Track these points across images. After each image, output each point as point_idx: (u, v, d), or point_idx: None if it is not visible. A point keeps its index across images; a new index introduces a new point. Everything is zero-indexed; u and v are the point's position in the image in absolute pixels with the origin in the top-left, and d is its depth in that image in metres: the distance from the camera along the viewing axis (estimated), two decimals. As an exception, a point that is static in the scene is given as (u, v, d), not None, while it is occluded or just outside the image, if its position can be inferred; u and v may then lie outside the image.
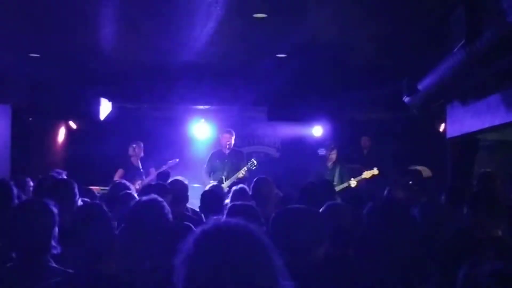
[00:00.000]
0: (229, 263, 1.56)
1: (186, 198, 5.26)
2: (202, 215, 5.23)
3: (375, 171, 9.15)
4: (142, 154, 9.33)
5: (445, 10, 5.55)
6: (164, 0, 5.72)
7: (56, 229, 3.05)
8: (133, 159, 9.28)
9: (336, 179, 9.21)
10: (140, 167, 9.24)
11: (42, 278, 2.80)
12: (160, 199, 3.67)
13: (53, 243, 3.02)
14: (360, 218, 4.04)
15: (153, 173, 9.13)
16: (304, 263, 2.73)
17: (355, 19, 6.27)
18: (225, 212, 4.32)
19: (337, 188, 8.93)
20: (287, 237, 2.81)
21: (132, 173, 9.06)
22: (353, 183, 9.01)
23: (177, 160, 9.26)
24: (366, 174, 9.16)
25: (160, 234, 3.46)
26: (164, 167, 9.15)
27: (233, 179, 8.43)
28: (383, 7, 5.74)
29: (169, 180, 6.06)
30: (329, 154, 9.39)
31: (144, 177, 9.17)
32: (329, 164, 9.37)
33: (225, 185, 8.22)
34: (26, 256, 2.91)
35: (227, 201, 5.32)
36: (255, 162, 8.86)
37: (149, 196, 3.73)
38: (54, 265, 2.97)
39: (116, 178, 9.08)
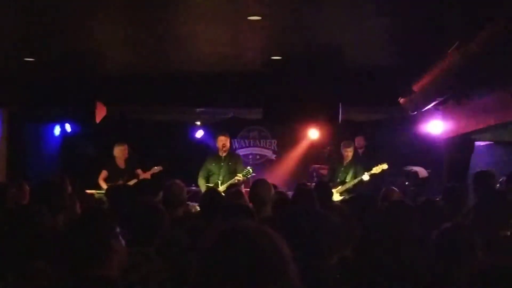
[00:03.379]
0: (245, 265, 1.56)
1: (182, 202, 5.23)
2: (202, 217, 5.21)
3: (384, 165, 9.06)
4: (126, 155, 9.25)
5: (439, 11, 5.56)
6: (159, 4, 5.72)
7: (49, 233, 3.04)
8: (118, 161, 9.22)
9: (350, 176, 9.10)
10: (125, 168, 9.16)
11: (31, 282, 2.80)
12: (154, 202, 3.66)
13: (47, 246, 3.01)
14: (360, 220, 4.05)
15: (142, 174, 9.04)
16: (318, 268, 2.71)
17: (350, 21, 6.28)
18: (224, 212, 4.33)
19: (349, 184, 8.90)
20: (303, 240, 2.76)
21: (116, 175, 9.00)
22: (365, 176, 8.91)
23: (161, 168, 9.17)
24: (376, 169, 9.05)
25: (155, 238, 3.46)
26: (147, 173, 9.07)
27: (228, 184, 8.36)
28: (377, 9, 5.75)
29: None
30: (346, 151, 9.27)
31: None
32: (345, 162, 9.28)
33: (220, 189, 8.17)
34: (16, 260, 2.90)
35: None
36: (250, 170, 8.79)
37: (144, 198, 3.72)
38: (47, 269, 2.96)
39: (100, 179, 9.04)
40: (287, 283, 1.59)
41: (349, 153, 9.24)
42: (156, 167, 9.16)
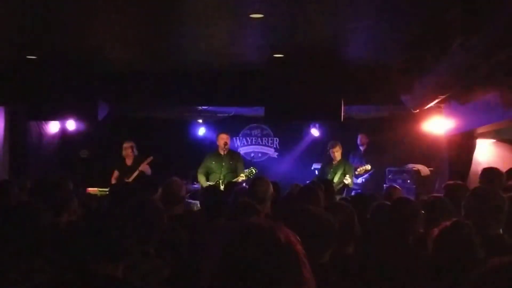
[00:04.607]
0: (264, 262, 1.56)
1: (182, 199, 5.23)
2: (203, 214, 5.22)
3: (367, 166, 9.10)
4: (133, 153, 9.26)
5: (442, 8, 5.54)
6: (161, 2, 5.71)
7: (49, 231, 3.03)
8: (125, 159, 9.25)
9: (337, 177, 9.07)
10: (131, 165, 9.17)
11: (31, 281, 2.79)
12: (152, 200, 3.66)
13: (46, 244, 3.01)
14: (363, 218, 4.06)
15: (141, 167, 9.03)
16: (311, 264, 2.72)
17: (352, 18, 6.26)
18: (227, 210, 4.34)
19: (335, 186, 8.87)
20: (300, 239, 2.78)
21: (124, 173, 9.05)
22: (347, 179, 8.90)
23: (152, 157, 9.12)
24: (359, 171, 9.09)
25: (154, 235, 3.45)
26: (144, 165, 9.04)
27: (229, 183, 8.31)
28: (379, 6, 5.74)
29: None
30: (333, 152, 9.24)
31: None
32: (335, 162, 9.26)
33: (222, 188, 8.15)
34: (15, 258, 2.89)
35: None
36: (254, 170, 8.77)
37: (142, 197, 3.72)
38: (46, 267, 2.95)
39: (113, 179, 9.09)
40: (301, 279, 1.60)
41: (335, 153, 9.21)
42: (147, 159, 9.10)
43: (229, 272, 1.58)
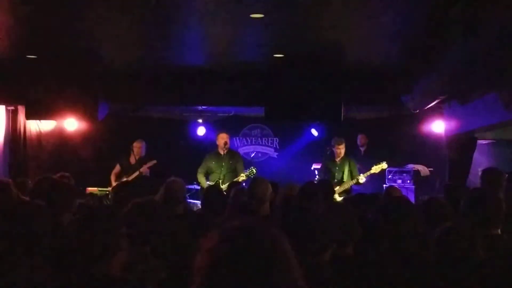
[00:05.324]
0: (250, 263, 1.57)
1: (181, 199, 5.24)
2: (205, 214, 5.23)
3: (384, 165, 8.90)
4: (140, 153, 9.30)
5: (442, 8, 5.54)
6: (162, 2, 5.71)
7: (49, 230, 3.04)
8: (131, 156, 9.29)
9: (346, 175, 9.00)
10: (134, 164, 9.19)
11: (29, 278, 2.79)
12: (150, 200, 3.66)
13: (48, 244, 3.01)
14: (363, 218, 4.05)
15: (146, 172, 9.07)
16: (311, 264, 2.73)
17: (352, 19, 6.27)
18: (227, 210, 4.36)
19: (347, 185, 8.80)
20: (300, 239, 2.78)
21: (125, 170, 9.09)
22: (361, 178, 8.77)
23: (155, 161, 9.17)
24: (375, 169, 8.88)
25: (151, 236, 3.45)
26: (145, 167, 9.07)
27: (230, 183, 8.31)
28: (379, 6, 5.74)
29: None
30: (338, 148, 9.09)
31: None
32: (338, 159, 9.18)
33: (222, 187, 8.15)
34: (16, 256, 2.89)
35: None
36: (254, 170, 8.76)
37: (139, 197, 3.72)
38: (45, 266, 2.95)
39: (112, 174, 9.13)
40: (290, 279, 1.61)
41: (341, 150, 9.08)
42: (149, 162, 9.16)
43: (217, 272, 1.59)
